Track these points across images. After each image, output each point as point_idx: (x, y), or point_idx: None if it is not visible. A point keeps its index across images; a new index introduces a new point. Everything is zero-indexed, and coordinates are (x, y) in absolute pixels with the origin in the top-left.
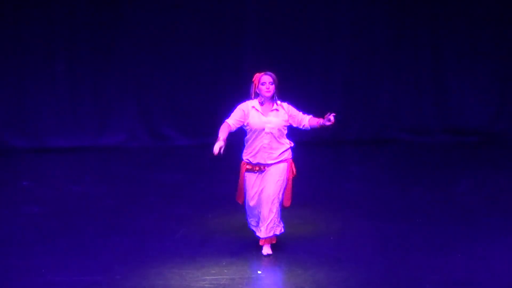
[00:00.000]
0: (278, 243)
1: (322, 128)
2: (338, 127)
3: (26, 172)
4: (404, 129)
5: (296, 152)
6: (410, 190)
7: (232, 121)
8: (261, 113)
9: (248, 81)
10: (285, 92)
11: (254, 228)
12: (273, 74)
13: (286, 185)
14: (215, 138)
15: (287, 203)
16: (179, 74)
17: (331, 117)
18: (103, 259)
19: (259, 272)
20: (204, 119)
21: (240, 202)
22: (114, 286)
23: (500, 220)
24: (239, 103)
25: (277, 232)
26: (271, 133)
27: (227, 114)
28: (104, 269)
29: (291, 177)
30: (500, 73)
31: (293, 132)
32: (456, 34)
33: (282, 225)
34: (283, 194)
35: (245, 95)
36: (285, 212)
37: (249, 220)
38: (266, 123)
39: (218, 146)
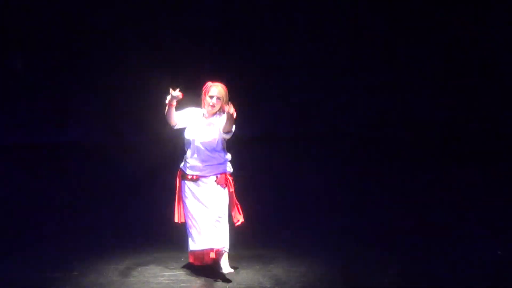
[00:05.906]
0: (239, 240)
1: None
2: (296, 122)
3: None
4: (360, 124)
5: (250, 147)
6: (367, 185)
7: (177, 114)
8: (197, 124)
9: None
10: (244, 90)
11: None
12: (223, 88)
13: (229, 201)
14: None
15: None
16: (134, 71)
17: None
18: (61, 256)
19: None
20: (159, 116)
21: (178, 221)
22: (71, 282)
23: (456, 214)
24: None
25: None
26: (200, 146)
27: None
28: (62, 265)
29: (230, 192)
30: (455, 68)
31: (249, 124)
32: (410, 31)
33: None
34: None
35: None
36: (243, 208)
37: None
38: (196, 136)
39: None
